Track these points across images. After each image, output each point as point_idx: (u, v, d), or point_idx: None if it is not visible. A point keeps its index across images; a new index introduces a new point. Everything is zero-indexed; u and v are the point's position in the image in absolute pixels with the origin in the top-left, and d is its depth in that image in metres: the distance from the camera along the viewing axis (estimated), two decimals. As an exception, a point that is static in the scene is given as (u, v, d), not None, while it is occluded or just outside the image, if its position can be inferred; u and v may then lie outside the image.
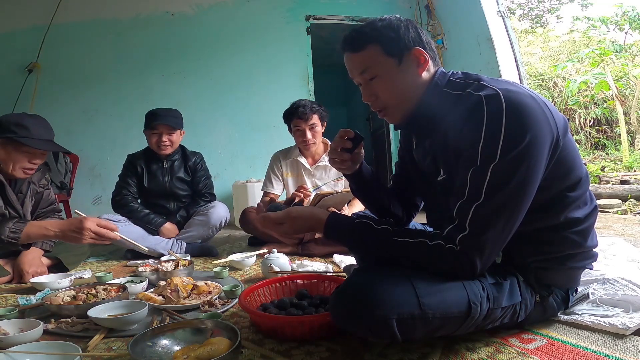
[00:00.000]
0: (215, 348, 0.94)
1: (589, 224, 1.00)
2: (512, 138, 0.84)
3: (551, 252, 0.99)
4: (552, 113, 0.90)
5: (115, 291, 1.45)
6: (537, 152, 0.85)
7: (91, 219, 1.58)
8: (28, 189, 1.89)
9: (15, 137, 1.68)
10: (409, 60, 1.00)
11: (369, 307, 0.84)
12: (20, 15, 3.62)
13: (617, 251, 1.59)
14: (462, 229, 0.88)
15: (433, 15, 4.00)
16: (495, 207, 0.86)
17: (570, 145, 0.95)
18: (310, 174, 2.52)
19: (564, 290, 1.07)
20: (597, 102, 6.09)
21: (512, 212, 0.87)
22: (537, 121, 0.85)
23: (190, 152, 2.60)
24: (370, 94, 1.05)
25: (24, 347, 1.03)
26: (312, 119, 2.37)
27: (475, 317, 0.90)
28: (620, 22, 6.81)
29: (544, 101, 0.91)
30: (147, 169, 2.49)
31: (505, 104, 0.85)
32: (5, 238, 1.58)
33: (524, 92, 0.89)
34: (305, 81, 4.08)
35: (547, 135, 0.87)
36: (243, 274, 1.91)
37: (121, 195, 2.45)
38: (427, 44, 1.02)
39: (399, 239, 0.94)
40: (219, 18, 3.96)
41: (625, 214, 3.08)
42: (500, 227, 0.87)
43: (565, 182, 0.95)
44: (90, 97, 3.73)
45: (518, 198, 0.87)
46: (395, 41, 0.99)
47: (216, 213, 2.42)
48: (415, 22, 1.05)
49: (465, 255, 0.88)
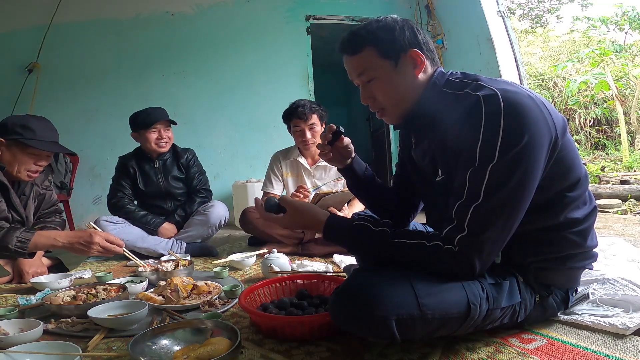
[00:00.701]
0: (215, 348, 0.94)
1: (589, 225, 1.00)
2: (510, 138, 0.84)
3: (551, 253, 0.99)
4: (551, 113, 0.90)
5: (115, 291, 1.45)
6: (536, 152, 0.85)
7: (101, 234, 1.62)
8: (31, 191, 1.88)
9: (21, 139, 1.68)
10: (406, 62, 1.00)
11: (368, 308, 0.84)
12: (20, 15, 3.62)
13: (617, 251, 1.59)
14: (460, 230, 0.88)
15: (433, 15, 4.00)
16: (494, 207, 0.86)
17: (570, 145, 0.95)
18: (310, 174, 2.52)
19: (563, 290, 1.07)
20: (597, 102, 6.09)
21: (511, 212, 0.87)
22: (536, 121, 0.85)
23: (181, 149, 2.59)
24: (368, 96, 1.06)
25: (24, 347, 1.03)
26: (311, 119, 2.37)
27: (475, 318, 0.90)
28: (620, 22, 6.81)
29: (542, 101, 0.90)
30: (139, 170, 2.49)
31: (504, 104, 0.85)
32: (13, 247, 1.58)
33: (522, 92, 0.89)
34: (305, 81, 4.08)
35: (546, 135, 0.87)
36: (243, 274, 1.91)
37: (117, 198, 2.45)
38: (424, 44, 1.02)
39: (397, 240, 0.94)
40: (219, 18, 3.97)
41: (625, 214, 3.08)
42: (499, 228, 0.87)
43: (565, 182, 0.95)
44: (90, 97, 3.73)
45: (517, 198, 0.86)
46: (391, 43, 0.99)
47: (215, 212, 2.42)
48: (413, 22, 1.05)
49: (463, 255, 0.87)
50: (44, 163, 1.79)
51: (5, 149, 1.69)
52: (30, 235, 1.61)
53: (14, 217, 1.80)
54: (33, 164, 1.74)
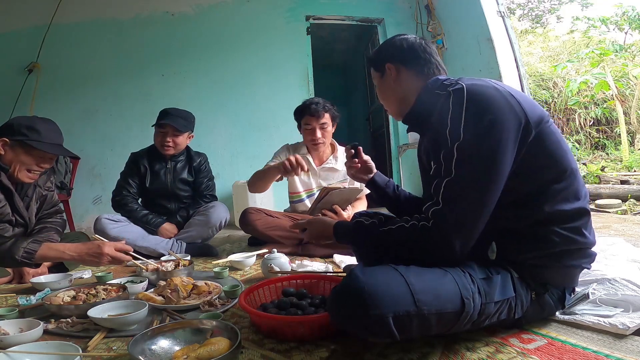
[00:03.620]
0: (215, 348, 0.94)
1: (583, 221, 1.01)
2: (473, 119, 0.94)
3: (544, 249, 1.00)
4: (520, 102, 0.97)
5: (115, 291, 1.45)
6: (500, 132, 0.92)
7: (109, 244, 1.63)
8: (34, 193, 1.88)
9: (26, 140, 1.67)
10: (388, 73, 1.22)
11: (364, 307, 0.85)
12: (20, 15, 3.62)
13: (617, 251, 1.58)
14: (436, 204, 0.95)
15: (433, 15, 4.00)
16: (464, 180, 0.93)
17: (551, 137, 0.99)
18: (315, 174, 2.47)
19: (560, 289, 1.07)
20: (597, 102, 6.09)
21: (482, 186, 0.93)
22: (498, 107, 0.94)
23: (194, 153, 2.60)
24: (378, 97, 1.33)
25: (24, 347, 1.03)
26: (323, 118, 2.33)
27: (470, 312, 0.91)
28: (620, 22, 6.81)
29: (510, 93, 0.98)
30: (150, 169, 2.48)
31: (467, 93, 0.96)
32: (19, 258, 1.58)
33: (489, 85, 0.99)
34: (305, 81, 4.08)
35: (511, 119, 0.94)
36: (243, 274, 1.91)
37: (121, 195, 2.45)
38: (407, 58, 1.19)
39: (384, 228, 1.04)
40: (219, 18, 3.97)
41: (625, 214, 3.08)
42: (471, 201, 0.93)
43: (549, 173, 0.99)
44: (90, 97, 3.74)
45: (486, 173, 0.92)
46: (377, 60, 1.26)
47: (216, 213, 2.42)
48: (410, 39, 1.22)
49: (437, 228, 0.94)
50: (47, 165, 1.79)
51: (8, 149, 1.68)
52: (37, 247, 1.61)
53: (17, 220, 1.80)
54: (35, 165, 1.73)
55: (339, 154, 2.47)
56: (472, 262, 1.00)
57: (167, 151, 2.44)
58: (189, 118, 2.46)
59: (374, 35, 4.42)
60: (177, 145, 2.44)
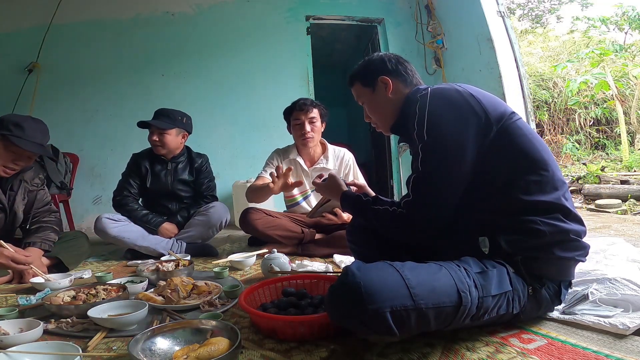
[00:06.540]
0: (215, 348, 0.94)
1: (565, 212, 1.04)
2: (433, 120, 1.07)
3: (532, 240, 1.01)
4: (480, 101, 1.07)
5: (115, 291, 1.45)
6: (460, 128, 1.04)
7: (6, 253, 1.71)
8: (19, 187, 1.90)
9: (8, 135, 1.71)
10: (379, 87, 1.29)
11: (361, 303, 0.85)
12: (20, 15, 3.62)
13: (617, 251, 1.58)
14: (407, 196, 1.11)
15: (433, 15, 4.00)
16: (428, 173, 1.07)
17: (519, 132, 1.07)
18: (307, 175, 2.47)
19: (556, 283, 1.08)
20: (597, 102, 6.09)
21: (445, 178, 1.06)
22: (457, 107, 1.07)
23: (196, 154, 2.60)
24: (367, 115, 1.38)
25: (24, 347, 1.03)
26: (312, 112, 2.35)
27: (468, 306, 0.92)
28: (620, 22, 6.82)
29: (471, 93, 1.09)
30: (151, 170, 2.48)
31: (430, 97, 1.09)
32: None
33: (451, 87, 1.12)
34: (305, 81, 4.08)
35: (470, 117, 1.05)
36: (243, 274, 1.91)
37: (122, 195, 2.45)
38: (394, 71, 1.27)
39: (374, 207, 1.20)
40: (219, 18, 3.97)
41: (625, 214, 3.08)
42: (437, 190, 1.06)
43: (520, 164, 1.05)
44: (90, 97, 3.74)
45: (447, 165, 1.05)
46: (366, 76, 1.31)
47: (216, 213, 2.41)
48: (388, 55, 1.31)
49: (409, 216, 1.10)
50: (23, 164, 1.82)
51: None
52: None
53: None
54: (11, 161, 1.77)
55: (329, 154, 2.47)
56: (467, 258, 1.02)
57: (157, 150, 2.43)
58: (174, 116, 2.43)
59: (374, 35, 4.42)
60: (165, 144, 2.41)
